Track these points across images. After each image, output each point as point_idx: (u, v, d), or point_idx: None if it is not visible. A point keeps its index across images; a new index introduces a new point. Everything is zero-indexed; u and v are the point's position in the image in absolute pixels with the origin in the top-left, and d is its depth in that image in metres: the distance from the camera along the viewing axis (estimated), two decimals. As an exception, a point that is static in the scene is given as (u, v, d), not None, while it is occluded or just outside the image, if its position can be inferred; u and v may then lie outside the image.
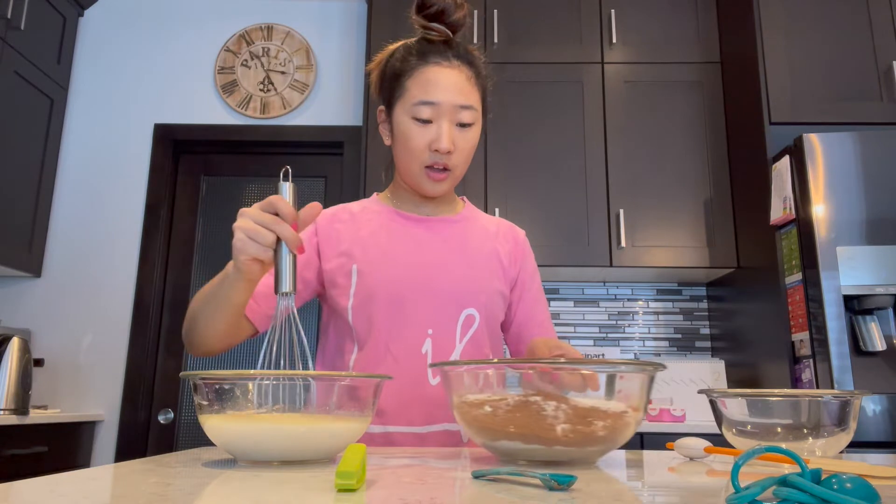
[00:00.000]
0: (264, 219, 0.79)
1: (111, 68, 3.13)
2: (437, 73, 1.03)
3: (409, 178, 1.09)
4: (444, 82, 1.02)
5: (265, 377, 0.66)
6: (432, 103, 1.02)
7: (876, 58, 2.35)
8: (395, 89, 1.07)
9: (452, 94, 1.02)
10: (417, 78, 1.03)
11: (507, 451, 0.69)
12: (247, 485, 0.53)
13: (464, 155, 1.06)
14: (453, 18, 1.05)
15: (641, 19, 2.80)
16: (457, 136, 1.04)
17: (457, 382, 0.72)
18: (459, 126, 1.04)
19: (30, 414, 2.31)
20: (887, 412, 1.92)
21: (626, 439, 0.70)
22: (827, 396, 0.74)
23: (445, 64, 1.03)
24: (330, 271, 1.08)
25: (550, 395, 0.66)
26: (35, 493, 0.48)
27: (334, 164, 3.10)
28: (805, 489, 0.38)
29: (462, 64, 1.04)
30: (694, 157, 2.67)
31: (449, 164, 1.04)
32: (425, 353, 1.04)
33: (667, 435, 2.20)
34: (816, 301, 2.02)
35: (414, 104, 1.03)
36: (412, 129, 1.04)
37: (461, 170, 1.08)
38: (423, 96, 1.02)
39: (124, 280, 2.91)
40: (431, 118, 1.03)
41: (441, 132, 1.02)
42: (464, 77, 1.04)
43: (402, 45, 1.09)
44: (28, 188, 2.79)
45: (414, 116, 1.03)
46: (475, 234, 1.14)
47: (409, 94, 1.04)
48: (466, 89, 1.04)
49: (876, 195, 2.07)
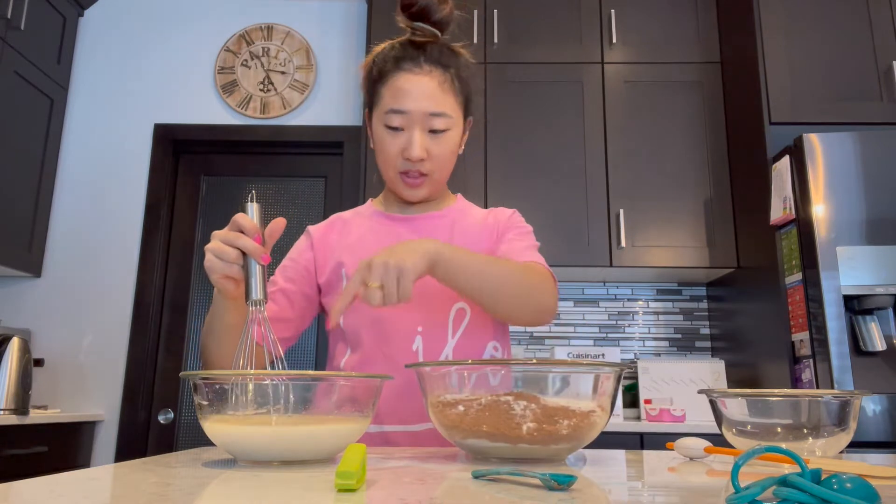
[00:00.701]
0: (228, 237, 0.81)
1: (111, 68, 3.13)
2: (407, 80, 1.02)
3: (389, 184, 1.10)
4: (414, 91, 1.01)
5: (265, 377, 0.66)
6: (402, 112, 1.02)
7: (876, 58, 2.35)
8: (373, 95, 1.07)
9: (422, 101, 1.01)
10: (390, 86, 1.03)
11: (477, 450, 0.71)
12: (247, 485, 0.53)
13: (440, 160, 1.05)
14: (438, 17, 1.04)
15: (641, 19, 2.80)
16: (430, 144, 1.03)
17: (430, 383, 0.74)
18: (432, 133, 1.03)
19: (30, 414, 2.31)
20: (887, 412, 1.92)
21: (591, 438, 0.71)
22: (827, 396, 0.74)
23: (417, 71, 1.02)
24: (325, 282, 1.10)
25: (522, 394, 0.68)
26: (35, 493, 0.48)
27: (334, 164, 3.10)
28: (805, 489, 0.38)
29: (434, 68, 1.03)
30: (694, 157, 2.67)
31: (423, 170, 1.04)
32: (416, 351, 1.03)
33: (667, 435, 2.20)
34: (816, 301, 2.02)
35: (385, 112, 1.03)
36: (385, 136, 1.04)
37: (440, 174, 1.07)
38: (394, 104, 1.02)
39: (124, 280, 2.91)
40: (402, 126, 1.02)
41: (412, 140, 1.02)
42: (435, 83, 1.02)
43: (384, 48, 1.08)
44: (28, 188, 2.79)
45: (386, 124, 1.03)
46: (462, 226, 1.13)
47: (383, 102, 1.04)
48: (438, 96, 1.02)
49: (876, 195, 2.07)
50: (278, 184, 3.11)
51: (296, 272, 1.11)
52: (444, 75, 1.03)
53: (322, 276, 1.10)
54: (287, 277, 1.10)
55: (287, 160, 3.12)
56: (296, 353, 2.93)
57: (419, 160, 1.03)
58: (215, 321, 0.93)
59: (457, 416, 0.70)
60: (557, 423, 0.67)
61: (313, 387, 0.68)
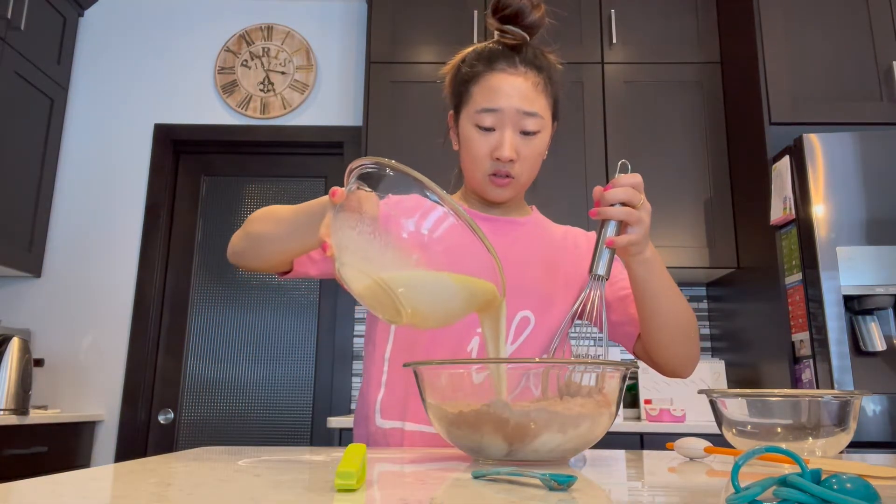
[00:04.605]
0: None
1: (111, 68, 3.13)
2: (501, 79, 1.00)
3: (474, 185, 1.08)
4: (507, 89, 1.00)
5: None
6: (494, 110, 1.00)
7: (876, 58, 2.35)
8: (462, 95, 1.05)
9: (516, 100, 0.99)
10: (482, 85, 1.01)
11: (476, 451, 0.70)
12: (247, 485, 0.53)
13: (528, 163, 1.03)
14: (530, 20, 1.02)
15: (641, 19, 2.80)
16: (520, 145, 1.01)
17: (429, 382, 0.72)
18: (523, 134, 1.01)
19: (30, 414, 2.31)
20: (887, 412, 1.92)
21: (597, 439, 0.71)
22: (827, 396, 0.74)
23: (511, 70, 1.01)
24: None
25: (525, 395, 0.68)
26: (35, 493, 0.48)
27: (334, 164, 3.10)
28: (805, 489, 0.38)
29: (529, 70, 1.01)
30: (694, 157, 2.67)
31: (512, 172, 1.02)
32: (470, 352, 1.02)
33: (667, 435, 2.20)
34: (816, 301, 2.02)
35: (477, 111, 1.01)
36: (474, 136, 1.02)
37: (527, 177, 1.06)
38: (486, 104, 1.00)
39: (124, 280, 2.91)
40: (494, 125, 1.01)
41: (503, 140, 1.00)
42: (529, 84, 1.01)
43: (474, 50, 1.07)
44: (28, 188, 2.79)
45: (476, 124, 1.01)
46: (540, 238, 1.13)
47: (474, 101, 1.02)
48: (531, 96, 1.00)
49: (876, 195, 2.07)
50: (278, 184, 3.11)
51: None
52: (538, 77, 1.02)
53: None
54: None
55: (287, 160, 3.12)
56: (297, 349, 2.93)
57: (509, 161, 1.01)
58: (300, 229, 0.90)
59: (456, 417, 0.70)
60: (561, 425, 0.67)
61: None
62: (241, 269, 1.01)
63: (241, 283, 2.99)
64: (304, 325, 2.96)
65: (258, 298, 2.98)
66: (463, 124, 1.05)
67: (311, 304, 2.98)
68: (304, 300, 2.98)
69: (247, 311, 2.97)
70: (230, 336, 2.95)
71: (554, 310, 1.07)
